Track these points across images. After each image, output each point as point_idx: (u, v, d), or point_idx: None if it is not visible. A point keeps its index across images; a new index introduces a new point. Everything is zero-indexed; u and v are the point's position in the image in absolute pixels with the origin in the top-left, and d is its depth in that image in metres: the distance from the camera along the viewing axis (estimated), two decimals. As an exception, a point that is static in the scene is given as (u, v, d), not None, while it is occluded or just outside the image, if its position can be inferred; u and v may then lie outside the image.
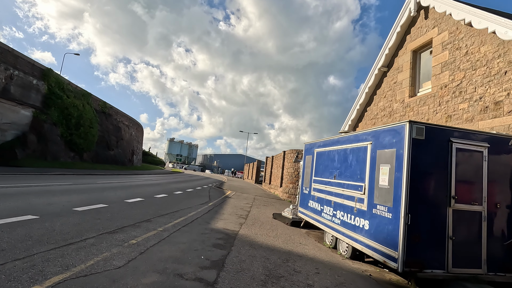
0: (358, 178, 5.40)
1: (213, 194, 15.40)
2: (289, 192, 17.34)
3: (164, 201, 10.07)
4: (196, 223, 7.03)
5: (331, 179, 6.56)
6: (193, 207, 9.55)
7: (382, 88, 9.41)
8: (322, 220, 6.72)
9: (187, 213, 8.27)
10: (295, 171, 17.40)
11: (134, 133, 36.34)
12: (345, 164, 5.99)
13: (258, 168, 39.11)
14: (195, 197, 12.61)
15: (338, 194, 6.12)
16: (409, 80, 8.13)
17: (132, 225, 5.85)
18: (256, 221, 8.63)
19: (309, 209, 7.68)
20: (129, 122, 34.57)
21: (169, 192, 12.94)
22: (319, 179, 7.24)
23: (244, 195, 17.23)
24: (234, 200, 13.49)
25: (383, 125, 4.89)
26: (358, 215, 5.22)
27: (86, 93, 25.31)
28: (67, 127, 21.72)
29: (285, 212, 9.56)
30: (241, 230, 6.95)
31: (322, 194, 6.91)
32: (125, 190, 11.58)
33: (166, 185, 16.97)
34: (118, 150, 30.35)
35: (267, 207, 12.45)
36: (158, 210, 7.94)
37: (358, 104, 10.34)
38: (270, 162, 26.45)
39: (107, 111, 29.11)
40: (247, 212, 10.14)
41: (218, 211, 9.58)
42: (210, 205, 10.83)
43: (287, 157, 18.92)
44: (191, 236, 5.62)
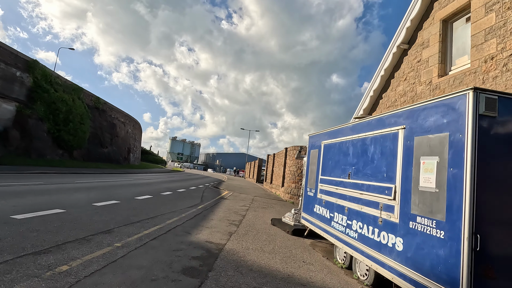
0: (384, 177, 3.91)
1: (207, 194, 13.96)
2: (291, 193, 15.85)
3: (145, 204, 8.64)
4: (172, 233, 5.58)
5: (344, 178, 5.06)
6: (177, 211, 8.11)
7: (401, 69, 7.88)
8: (332, 232, 5.23)
9: (166, 219, 6.83)
10: (298, 169, 15.90)
11: (130, 130, 35.05)
12: (364, 158, 4.50)
13: (260, 166, 37.65)
14: (185, 199, 11.18)
15: (354, 199, 4.62)
16: (439, 56, 6.59)
17: (81, 239, 4.42)
18: (251, 229, 7.16)
19: (315, 215, 6.19)
20: (125, 119, 33.27)
21: (156, 193, 11.52)
22: (327, 179, 5.75)
23: (242, 195, 15.77)
24: (229, 202, 12.04)
25: (424, 101, 3.39)
26: (386, 229, 3.73)
27: (77, 87, 23.99)
28: (54, 123, 20.41)
29: (286, 218, 8.08)
30: (229, 243, 5.49)
31: (332, 198, 5.42)
32: (102, 191, 10.17)
33: (157, 185, 15.57)
34: (112, 147, 29.05)
35: (265, 210, 10.97)
36: (130, 216, 6.51)
37: (372, 90, 8.81)
38: (272, 160, 24.97)
39: (100, 107, 27.81)
40: (242, 217, 8.68)
41: (207, 216, 8.13)
42: (200, 208, 9.38)
43: (289, 154, 17.42)
44: (156, 255, 4.17)
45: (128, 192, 10.81)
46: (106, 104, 28.90)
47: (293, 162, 16.51)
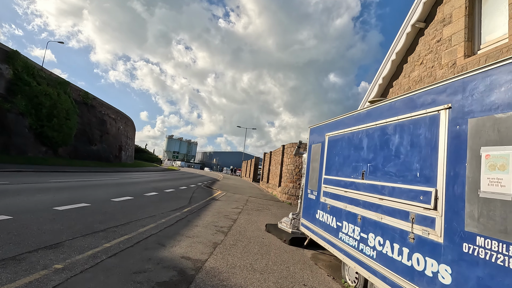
0: (417, 178, 2.84)
1: (197, 195, 12.85)
2: (288, 193, 14.79)
3: (121, 207, 7.53)
4: (141, 247, 4.48)
5: (355, 178, 3.99)
6: (157, 216, 7.01)
7: (416, 52, 6.82)
8: (340, 245, 4.16)
9: (140, 226, 5.73)
10: (296, 167, 14.84)
11: (122, 127, 33.79)
12: (385, 152, 3.42)
13: (256, 165, 36.56)
14: (171, 200, 10.07)
15: (370, 205, 3.55)
16: (465, 33, 5.54)
17: (10, 258, 3.31)
18: (241, 237, 6.08)
19: (317, 223, 5.12)
20: (116, 115, 32.00)
21: (138, 194, 10.39)
22: (333, 179, 4.67)
23: (236, 196, 14.67)
24: (221, 204, 10.95)
25: (486, 65, 2.32)
26: (421, 250, 2.67)
27: (63, 81, 22.72)
28: (37, 118, 19.16)
29: (283, 224, 7.01)
30: (211, 259, 4.40)
31: (340, 203, 4.35)
32: (75, 192, 9.03)
33: (143, 184, 14.42)
34: (102, 145, 27.80)
35: (260, 213, 9.89)
36: (94, 224, 5.39)
37: (381, 78, 7.75)
38: (268, 159, 23.90)
39: (89, 102, 26.54)
40: (232, 222, 7.59)
41: (192, 221, 7.04)
42: (185, 211, 8.28)
43: (287, 152, 16.36)
44: (105, 283, 3.07)
45: (106, 193, 9.66)
46: (95, 100, 27.63)
47: (290, 160, 15.45)
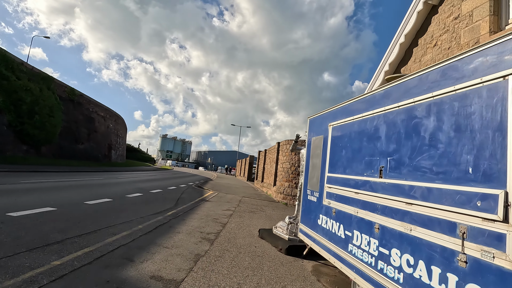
0: (471, 175, 2.00)
1: (186, 196, 11.93)
2: (284, 192, 13.97)
3: (93, 211, 6.58)
4: (101, 264, 3.57)
5: (370, 176, 3.15)
6: (134, 221, 6.09)
7: (429, 32, 6.01)
8: (350, 260, 3.32)
9: (110, 235, 4.82)
10: (292, 165, 14.01)
11: (112, 126, 32.58)
12: (414, 141, 2.58)
13: (251, 164, 35.70)
14: (155, 202, 9.14)
15: (393, 212, 2.71)
16: (490, 5, 4.74)
17: None
18: (230, 246, 5.20)
19: (319, 230, 4.28)
20: (105, 113, 30.79)
21: (119, 196, 9.44)
22: (340, 177, 3.82)
23: (229, 196, 13.79)
24: (211, 205, 10.05)
25: None
26: (479, 280, 1.83)
27: (46, 76, 21.51)
28: (16, 115, 17.98)
29: (278, 228, 6.15)
30: (189, 278, 3.52)
31: (349, 207, 3.50)
32: (42, 194, 8.05)
33: (128, 185, 13.43)
34: (90, 144, 26.62)
35: (253, 216, 9.03)
36: (52, 233, 4.47)
37: (387, 64, 6.94)
38: (263, 157, 23.05)
39: (76, 99, 25.33)
40: (221, 227, 6.71)
41: (174, 226, 6.14)
42: (169, 215, 7.37)
43: (282, 150, 15.53)
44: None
45: (81, 194, 8.69)
46: (82, 97, 26.42)
47: (286, 158, 14.62)
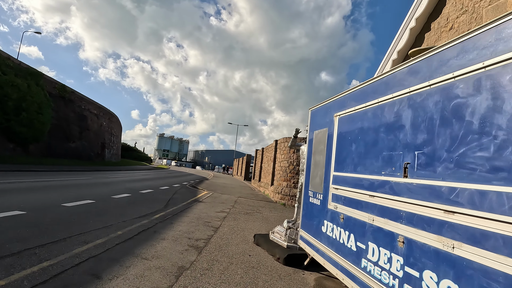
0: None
1: (179, 196, 11.27)
2: (282, 192, 13.34)
3: (69, 214, 5.90)
4: (59, 282, 2.91)
5: (390, 175, 2.52)
6: (114, 226, 5.43)
7: (444, 15, 5.39)
8: (364, 279, 2.68)
9: (80, 243, 4.16)
10: (290, 164, 13.39)
11: (105, 124, 31.76)
12: (456, 128, 1.95)
13: (248, 163, 35.06)
14: (143, 204, 8.46)
15: (425, 222, 2.08)
16: (519, -21, 4.12)
17: None
18: (220, 255, 4.56)
19: (324, 238, 3.64)
20: (98, 111, 29.97)
21: (104, 197, 8.75)
22: (349, 177, 3.19)
23: (224, 196, 13.13)
24: (204, 207, 9.39)
25: None
26: None
27: (34, 72, 20.69)
28: (2, 111, 17.19)
29: (276, 234, 5.51)
30: (166, 300, 2.87)
31: (361, 213, 2.87)
32: (15, 195, 7.36)
33: (117, 185, 12.74)
34: (82, 142, 25.82)
35: (249, 218, 8.38)
36: (9, 242, 3.80)
37: (395, 52, 6.31)
38: (260, 156, 22.41)
39: (67, 96, 24.51)
40: (213, 231, 6.07)
41: (159, 232, 5.48)
42: (156, 218, 6.71)
43: (280, 148, 14.89)
44: None
45: (60, 195, 7.99)
46: (74, 94, 25.60)
47: (284, 156, 13.99)
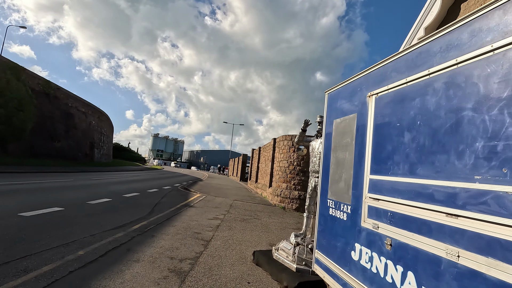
0: None
1: (167, 200, 10.12)
2: (281, 195, 12.27)
3: (22, 227, 4.73)
4: None
5: (495, 181, 1.43)
6: (78, 242, 4.29)
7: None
8: None
9: (17, 273, 3.02)
10: (290, 164, 12.32)
11: (95, 123, 30.36)
12: None
13: (244, 163, 33.94)
14: (124, 210, 7.31)
15: None
16: None
17: None
18: (210, 284, 3.45)
19: (356, 269, 2.56)
20: (87, 109, 28.56)
21: (78, 202, 7.57)
22: (401, 182, 2.11)
23: (218, 200, 12.01)
24: (194, 213, 8.27)
25: None
26: None
27: (15, 66, 19.30)
28: (-24, 108, 15.81)
29: (281, 251, 4.41)
30: None
31: (431, 241, 1.79)
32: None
33: (99, 188, 11.53)
34: (68, 141, 24.43)
35: (246, 225, 7.28)
36: None
37: (422, 29, 5.24)
38: (257, 155, 21.33)
39: (52, 93, 23.10)
40: (203, 246, 4.96)
41: (135, 249, 4.35)
42: (135, 229, 5.57)
43: (279, 146, 13.82)
44: None
45: (21, 202, 6.78)
46: (60, 90, 24.20)
47: (283, 155, 12.92)
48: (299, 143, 5.10)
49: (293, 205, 11.83)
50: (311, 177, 4.79)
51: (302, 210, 11.63)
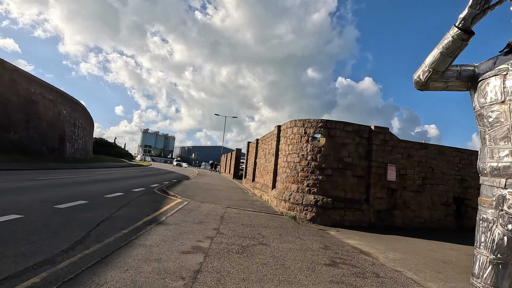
0: None
1: (126, 212, 6.80)
2: (290, 200, 9.10)
3: None
4: None
5: None
6: None
7: None
8: None
9: None
10: (303, 158, 9.18)
11: (66, 113, 26.47)
12: None
13: (238, 158, 30.67)
14: (34, 237, 3.96)
15: None
16: None
17: None
18: None
19: None
20: (55, 96, 24.66)
21: None
22: None
23: (205, 207, 8.74)
24: (162, 236, 4.99)
25: None
26: None
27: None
28: None
29: None
30: None
31: None
32: None
33: (28, 192, 8.08)
34: (28, 133, 20.62)
35: (249, 265, 4.04)
36: None
37: None
38: (254, 149, 18.09)
39: (6, 75, 19.22)
40: None
41: None
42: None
43: (285, 136, 10.58)
44: None
45: None
46: (18, 72, 20.30)
47: (293, 147, 9.73)
48: (435, 70, 1.78)
49: (307, 214, 8.68)
50: (480, 157, 1.57)
51: (320, 221, 8.51)
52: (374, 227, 8.86)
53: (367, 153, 9.25)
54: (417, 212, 9.66)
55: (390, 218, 9.24)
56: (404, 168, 9.63)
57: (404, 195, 9.52)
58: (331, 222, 8.49)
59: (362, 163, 9.16)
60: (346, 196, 8.88)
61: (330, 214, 8.56)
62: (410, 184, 9.65)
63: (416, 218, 9.62)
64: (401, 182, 9.52)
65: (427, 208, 9.79)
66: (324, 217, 8.51)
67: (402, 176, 9.57)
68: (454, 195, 10.24)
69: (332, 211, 8.57)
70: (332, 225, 8.42)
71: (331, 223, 8.47)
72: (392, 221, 9.26)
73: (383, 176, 9.21)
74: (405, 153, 9.72)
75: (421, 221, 9.69)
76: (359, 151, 9.19)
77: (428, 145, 10.13)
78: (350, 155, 9.08)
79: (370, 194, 8.98)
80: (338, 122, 9.18)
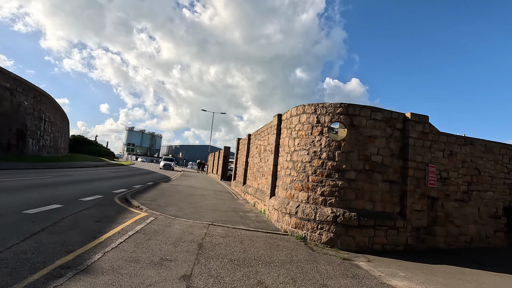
0: None
1: (38, 244, 4.07)
2: (298, 215, 6.57)
3: None
4: None
5: None
6: None
7: None
8: None
9: None
10: (315, 156, 6.69)
11: (28, 105, 23.00)
12: None
13: (226, 157, 27.96)
14: None
15: None
16: None
17: None
18: None
19: None
20: (13, 85, 21.18)
21: None
22: None
23: (177, 225, 6.06)
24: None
25: None
26: None
27: None
28: None
29: None
30: None
31: None
32: None
33: None
34: (-26, 126, 17.21)
35: None
36: None
37: None
38: (245, 146, 15.47)
39: None
40: None
41: None
42: None
43: (290, 127, 8.01)
44: None
45: None
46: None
47: (301, 142, 7.19)
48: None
49: (323, 235, 6.17)
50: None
51: (341, 245, 6.04)
52: (412, 251, 6.47)
53: (401, 149, 6.85)
54: (462, 228, 7.34)
55: (430, 237, 6.88)
56: (445, 170, 7.29)
57: (447, 205, 7.18)
58: (355, 246, 6.03)
59: (395, 163, 6.74)
60: (375, 209, 6.43)
61: (355, 234, 6.09)
62: (453, 191, 7.32)
63: (460, 236, 7.31)
64: (442, 189, 7.18)
65: (473, 223, 7.50)
66: (346, 239, 6.04)
67: (443, 181, 7.22)
68: (504, 204, 8.00)
69: (357, 231, 6.10)
70: (358, 250, 5.97)
71: (355, 248, 6.02)
72: (433, 241, 6.89)
73: (422, 180, 6.83)
74: (447, 150, 7.38)
75: (467, 240, 7.39)
76: (391, 147, 6.76)
77: (473, 140, 7.84)
78: (379, 153, 6.63)
79: (407, 206, 6.57)
80: (363, 107, 6.71)
